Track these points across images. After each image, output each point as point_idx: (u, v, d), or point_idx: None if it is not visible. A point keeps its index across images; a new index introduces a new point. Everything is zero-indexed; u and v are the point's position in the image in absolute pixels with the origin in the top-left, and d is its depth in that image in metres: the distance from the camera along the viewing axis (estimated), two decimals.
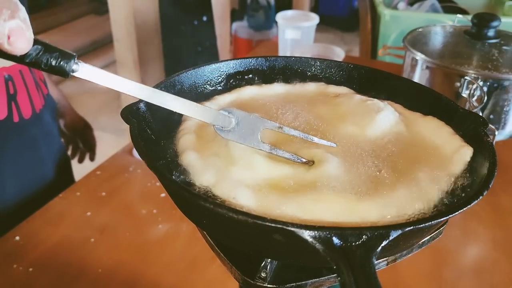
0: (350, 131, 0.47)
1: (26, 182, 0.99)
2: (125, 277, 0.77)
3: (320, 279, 0.41)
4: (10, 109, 0.91)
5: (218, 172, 0.40)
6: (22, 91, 0.94)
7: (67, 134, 1.25)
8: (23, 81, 0.94)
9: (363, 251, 0.29)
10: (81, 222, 0.88)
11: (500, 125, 0.96)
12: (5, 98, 0.90)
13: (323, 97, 0.54)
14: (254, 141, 0.41)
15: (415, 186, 0.39)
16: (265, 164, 0.41)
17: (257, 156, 0.41)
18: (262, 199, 0.37)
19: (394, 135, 0.47)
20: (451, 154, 0.44)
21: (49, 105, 1.05)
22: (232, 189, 0.38)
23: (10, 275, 0.77)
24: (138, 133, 0.40)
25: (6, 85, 0.89)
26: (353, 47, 4.13)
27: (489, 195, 0.38)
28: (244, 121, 0.42)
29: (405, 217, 0.37)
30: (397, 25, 1.93)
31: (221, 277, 0.77)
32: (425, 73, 1.01)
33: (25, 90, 0.94)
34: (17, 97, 0.93)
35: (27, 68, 0.95)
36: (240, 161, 0.41)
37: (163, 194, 0.95)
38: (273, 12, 3.14)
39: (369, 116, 0.48)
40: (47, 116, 1.03)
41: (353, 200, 0.37)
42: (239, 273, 0.41)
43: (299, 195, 0.37)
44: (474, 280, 0.79)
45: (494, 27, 1.03)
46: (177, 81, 0.50)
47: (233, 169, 0.40)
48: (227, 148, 0.42)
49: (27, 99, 0.95)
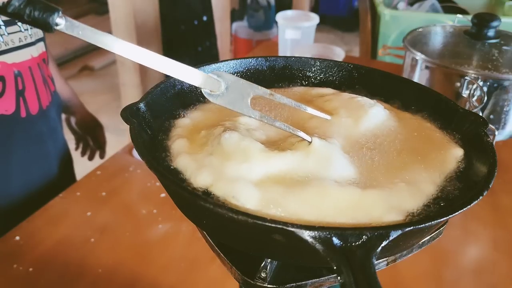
0: (344, 122, 0.47)
1: (31, 176, 1.00)
2: (125, 277, 0.77)
3: (320, 279, 0.41)
4: (18, 104, 0.93)
5: (214, 172, 0.39)
6: (30, 87, 0.95)
7: (78, 131, 1.26)
8: (31, 77, 0.95)
9: (363, 251, 0.29)
10: (81, 222, 0.88)
11: (500, 125, 0.96)
12: (14, 93, 0.91)
13: (310, 97, 0.54)
14: (244, 106, 0.40)
15: (413, 181, 0.40)
16: (261, 155, 0.40)
17: (251, 147, 0.40)
18: (262, 195, 0.37)
19: (387, 130, 0.47)
20: (443, 153, 0.44)
21: (55, 102, 1.06)
22: (230, 187, 0.37)
23: (10, 275, 0.77)
24: (138, 133, 0.40)
25: (15, 80, 0.90)
26: (353, 47, 4.14)
27: (489, 195, 0.39)
28: (233, 86, 0.40)
29: (405, 214, 0.37)
30: (397, 25, 1.93)
31: (221, 277, 0.77)
32: (425, 73, 1.01)
33: (33, 86, 0.95)
34: (25, 92, 0.94)
35: (36, 65, 0.96)
36: (234, 155, 0.39)
37: (163, 194, 0.95)
38: (273, 12, 3.15)
39: (362, 109, 0.48)
40: (53, 113, 1.04)
41: (357, 193, 0.37)
42: (239, 273, 0.41)
43: (301, 188, 0.37)
44: (474, 280, 0.79)
45: (494, 27, 1.03)
46: (177, 81, 0.50)
47: (228, 164, 0.39)
48: (220, 145, 0.40)
49: (34, 95, 0.96)
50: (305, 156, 0.40)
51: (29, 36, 0.95)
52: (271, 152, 0.40)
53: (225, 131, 0.41)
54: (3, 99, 0.89)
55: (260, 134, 0.44)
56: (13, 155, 0.95)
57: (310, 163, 0.39)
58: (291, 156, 0.40)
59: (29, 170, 1.00)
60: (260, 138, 0.43)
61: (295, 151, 0.40)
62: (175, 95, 0.50)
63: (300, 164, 0.39)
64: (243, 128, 0.44)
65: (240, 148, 0.40)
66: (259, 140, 0.42)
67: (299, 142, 0.41)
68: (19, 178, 0.97)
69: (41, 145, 1.01)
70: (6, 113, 0.90)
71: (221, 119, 0.46)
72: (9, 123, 0.92)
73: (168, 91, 0.49)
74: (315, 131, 0.45)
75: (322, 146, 0.40)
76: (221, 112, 0.48)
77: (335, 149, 0.41)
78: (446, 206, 0.38)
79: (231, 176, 0.38)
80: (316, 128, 0.46)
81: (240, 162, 0.39)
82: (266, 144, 0.42)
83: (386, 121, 0.48)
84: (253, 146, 0.40)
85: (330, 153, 0.40)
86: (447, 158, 0.44)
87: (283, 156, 0.40)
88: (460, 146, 0.45)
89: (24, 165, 0.98)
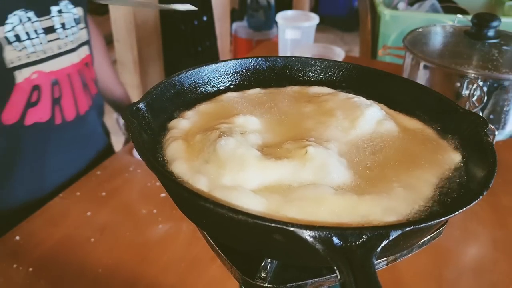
0: (341, 124, 0.47)
1: (67, 179, 1.02)
2: (125, 277, 0.77)
3: (320, 279, 0.41)
4: (53, 112, 0.93)
5: (210, 180, 0.39)
6: (68, 95, 0.95)
7: (126, 133, 1.27)
8: (70, 85, 0.95)
9: (363, 251, 0.29)
10: (81, 222, 0.88)
11: (500, 125, 0.96)
12: (50, 101, 0.92)
13: (306, 97, 0.53)
14: None
15: (410, 184, 0.40)
16: (257, 163, 0.39)
17: (247, 155, 0.40)
18: (259, 204, 0.37)
19: (384, 131, 0.47)
20: (442, 154, 0.44)
21: (96, 104, 1.06)
22: (226, 196, 0.37)
23: (10, 275, 0.77)
24: (138, 133, 0.41)
25: (51, 89, 0.90)
26: (353, 47, 4.14)
27: (489, 195, 0.38)
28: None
29: (404, 216, 0.37)
30: (397, 25, 1.93)
31: (221, 277, 0.77)
32: (425, 73, 1.01)
33: (71, 93, 0.96)
34: (62, 100, 0.94)
35: (76, 71, 0.96)
36: (230, 163, 0.39)
37: (163, 194, 0.95)
38: (273, 12, 3.14)
39: (359, 110, 0.48)
40: (92, 116, 1.05)
41: (354, 199, 0.37)
42: (239, 273, 0.41)
43: (297, 197, 0.37)
44: (474, 280, 0.79)
45: (494, 27, 1.03)
46: (177, 81, 0.50)
47: (224, 173, 0.39)
48: (216, 152, 0.40)
49: (72, 102, 0.97)
50: (301, 165, 0.39)
51: (70, 43, 0.94)
52: (267, 161, 0.39)
53: (221, 137, 0.41)
54: (37, 108, 0.90)
55: (255, 138, 0.44)
56: (47, 160, 0.96)
57: (307, 171, 0.39)
58: (288, 165, 0.39)
59: (64, 173, 1.01)
60: (256, 143, 0.43)
61: (292, 160, 0.40)
62: (175, 95, 0.50)
63: (296, 173, 0.39)
64: (239, 132, 0.43)
65: (235, 156, 0.39)
66: (255, 145, 0.42)
67: (295, 149, 0.41)
68: (54, 181, 0.99)
69: (77, 149, 1.02)
70: (41, 120, 0.91)
71: (218, 121, 0.46)
72: (43, 129, 0.92)
73: (168, 91, 0.49)
74: (311, 133, 0.45)
75: (318, 154, 0.40)
76: (218, 114, 0.48)
77: (331, 155, 0.41)
78: (446, 206, 0.38)
79: (227, 185, 0.38)
80: (313, 130, 0.46)
81: (236, 171, 0.39)
82: (263, 149, 0.42)
83: (383, 122, 0.48)
84: (249, 154, 0.40)
85: (326, 161, 0.40)
86: (446, 159, 0.44)
87: (279, 164, 0.39)
88: (460, 146, 0.45)
89: (59, 168, 0.99)
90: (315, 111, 0.50)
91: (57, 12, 0.91)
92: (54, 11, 0.90)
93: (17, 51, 0.84)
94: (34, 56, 0.87)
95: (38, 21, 0.87)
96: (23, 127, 0.90)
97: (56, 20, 0.91)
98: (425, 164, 0.43)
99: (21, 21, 0.83)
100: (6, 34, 0.82)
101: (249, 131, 0.45)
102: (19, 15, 0.83)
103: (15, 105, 0.87)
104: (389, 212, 0.37)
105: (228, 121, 0.45)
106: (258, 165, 0.39)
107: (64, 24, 0.93)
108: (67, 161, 1.02)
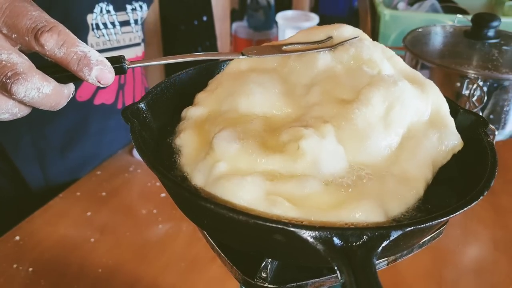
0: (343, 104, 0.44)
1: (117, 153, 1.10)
2: (125, 277, 0.77)
3: (321, 279, 0.41)
4: (117, 97, 1.05)
5: (205, 173, 0.39)
6: (129, 83, 1.09)
7: None
8: (132, 74, 1.09)
9: (364, 251, 0.29)
10: (81, 222, 0.88)
11: (500, 125, 0.96)
12: (116, 87, 1.04)
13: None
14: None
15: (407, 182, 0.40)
16: (249, 158, 0.39)
17: (240, 150, 0.39)
18: (250, 198, 0.36)
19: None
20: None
21: None
22: (218, 190, 0.37)
23: (10, 275, 0.77)
24: (139, 133, 0.41)
25: (119, 76, 0.97)
26: None
27: (489, 195, 0.38)
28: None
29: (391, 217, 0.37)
30: (397, 25, 1.93)
31: (221, 277, 0.77)
32: (425, 73, 1.01)
33: (132, 83, 1.09)
34: (125, 87, 1.07)
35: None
36: (224, 158, 0.39)
37: (163, 194, 0.95)
38: (273, 12, 3.13)
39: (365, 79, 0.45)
40: None
41: (343, 196, 0.37)
42: (239, 273, 0.41)
43: (287, 190, 0.37)
44: (474, 280, 0.79)
45: (494, 27, 1.03)
46: (177, 81, 0.50)
47: (218, 165, 0.39)
48: (212, 146, 0.40)
49: (131, 90, 1.10)
50: (293, 161, 0.39)
51: (138, 37, 1.08)
52: (259, 156, 0.39)
53: (220, 131, 0.41)
54: (106, 91, 1.01)
55: (258, 124, 0.43)
56: (104, 137, 1.07)
57: (299, 166, 0.39)
58: (280, 159, 0.39)
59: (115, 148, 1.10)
60: (257, 129, 0.42)
61: (284, 155, 0.39)
62: (175, 95, 0.50)
63: (289, 167, 0.39)
64: (243, 122, 0.43)
65: (229, 151, 0.39)
66: (256, 130, 0.42)
67: (289, 143, 0.40)
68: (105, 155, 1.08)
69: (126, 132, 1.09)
70: (107, 102, 1.03)
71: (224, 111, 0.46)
72: (107, 110, 1.04)
73: (169, 91, 0.49)
74: (314, 108, 0.44)
75: (310, 149, 0.39)
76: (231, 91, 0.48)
77: (325, 148, 0.40)
78: (446, 206, 0.38)
79: (220, 177, 0.38)
80: (317, 104, 0.44)
81: (229, 164, 0.39)
82: (264, 134, 0.41)
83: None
84: (242, 149, 0.39)
85: (319, 155, 0.39)
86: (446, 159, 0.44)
87: (271, 158, 0.39)
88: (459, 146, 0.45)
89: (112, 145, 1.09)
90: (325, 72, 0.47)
91: (131, 10, 1.05)
92: (129, 9, 1.04)
93: (96, 38, 0.97)
94: (109, 44, 1.00)
95: (116, 15, 1.00)
96: (92, 105, 1.01)
97: (131, 15, 1.04)
98: (424, 161, 0.43)
99: (101, 12, 0.97)
100: (92, 21, 0.95)
101: (254, 116, 0.44)
102: (102, 6, 0.97)
103: (89, 85, 0.94)
104: (377, 208, 0.36)
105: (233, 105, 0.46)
106: (250, 159, 0.39)
107: (137, 20, 1.07)
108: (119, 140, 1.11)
